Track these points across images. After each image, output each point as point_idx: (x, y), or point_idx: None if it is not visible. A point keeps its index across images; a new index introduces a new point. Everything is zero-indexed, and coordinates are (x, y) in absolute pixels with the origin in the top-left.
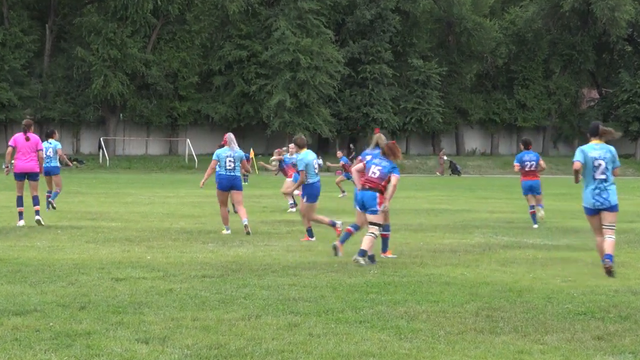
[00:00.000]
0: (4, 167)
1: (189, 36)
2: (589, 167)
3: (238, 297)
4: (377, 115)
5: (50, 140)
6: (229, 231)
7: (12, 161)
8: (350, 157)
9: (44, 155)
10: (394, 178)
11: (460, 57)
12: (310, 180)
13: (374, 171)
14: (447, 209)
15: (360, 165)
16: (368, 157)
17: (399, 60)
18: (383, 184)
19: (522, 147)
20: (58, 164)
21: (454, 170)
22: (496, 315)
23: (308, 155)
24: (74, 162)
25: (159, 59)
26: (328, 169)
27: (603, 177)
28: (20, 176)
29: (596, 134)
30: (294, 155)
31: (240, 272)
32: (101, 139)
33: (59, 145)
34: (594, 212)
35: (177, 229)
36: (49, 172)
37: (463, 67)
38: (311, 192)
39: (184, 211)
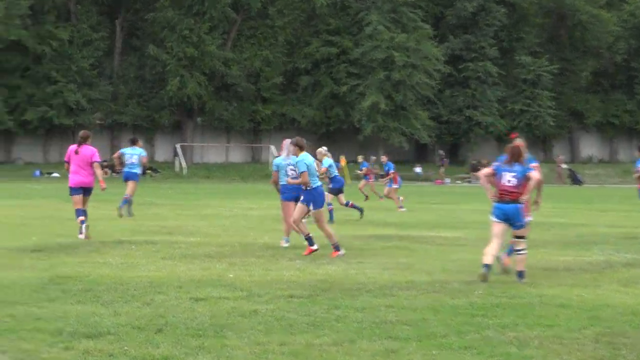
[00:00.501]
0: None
1: (272, 32)
2: None
3: (329, 319)
4: (481, 118)
5: (134, 147)
6: (288, 243)
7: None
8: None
9: (128, 162)
10: (534, 175)
11: (573, 54)
12: (314, 185)
13: (509, 179)
14: (560, 222)
15: (489, 170)
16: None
17: (505, 57)
18: (521, 190)
19: (638, 153)
20: (139, 172)
21: (574, 180)
22: (618, 341)
23: (308, 157)
24: (149, 171)
25: (240, 57)
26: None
27: None
28: (75, 190)
29: None
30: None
31: (331, 292)
32: (177, 145)
33: (143, 153)
34: None
35: (262, 245)
36: (128, 178)
37: (577, 65)
38: (317, 198)
39: (268, 225)
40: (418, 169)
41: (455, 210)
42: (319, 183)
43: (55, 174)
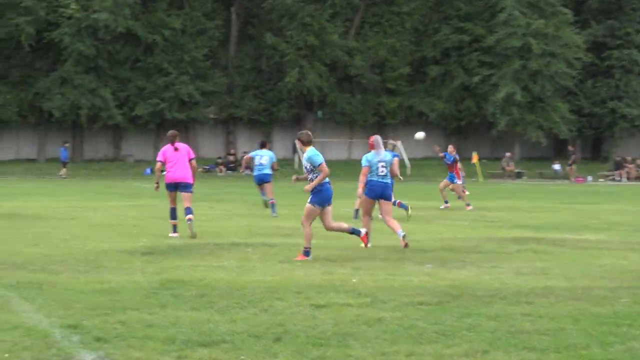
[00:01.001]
0: (155, 184)
1: (399, 19)
2: None
3: (460, 328)
4: (627, 111)
5: (263, 149)
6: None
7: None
8: (571, 161)
9: (257, 163)
10: None
11: None
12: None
13: None
14: None
15: None
16: None
17: None
18: None
19: None
20: (271, 172)
21: None
22: None
23: (320, 155)
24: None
25: (363, 46)
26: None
27: None
28: (171, 187)
29: None
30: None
31: (462, 299)
32: (296, 140)
33: (274, 158)
34: None
35: (387, 247)
36: (262, 180)
37: None
38: (322, 196)
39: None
40: (557, 166)
41: (597, 210)
42: (327, 180)
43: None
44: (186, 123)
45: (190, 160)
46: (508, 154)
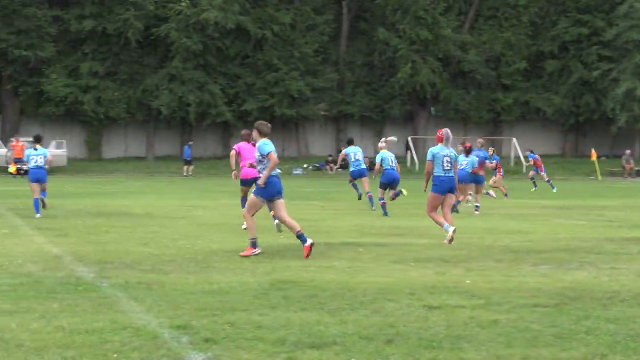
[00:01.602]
0: (232, 173)
1: (515, 12)
2: None
3: (578, 331)
4: None
5: (351, 146)
6: (451, 228)
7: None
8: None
9: (352, 160)
10: None
11: None
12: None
13: None
14: None
15: None
16: None
17: None
18: None
19: None
20: (365, 166)
21: None
22: None
23: (271, 144)
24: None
25: (478, 40)
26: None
27: None
28: (247, 182)
29: None
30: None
31: (580, 301)
32: (409, 138)
33: (362, 151)
34: None
35: (502, 247)
36: (362, 175)
37: None
38: (267, 190)
39: (509, 226)
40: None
41: None
42: (276, 172)
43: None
44: (296, 120)
45: None
46: (628, 152)
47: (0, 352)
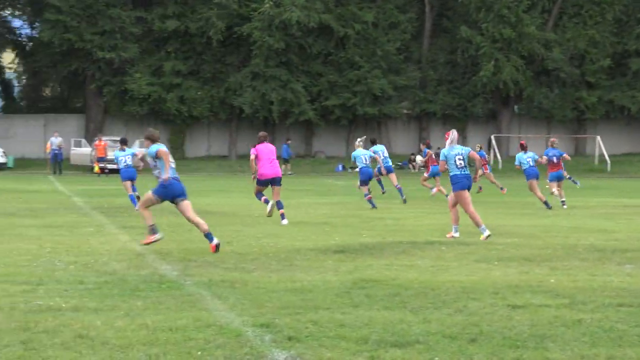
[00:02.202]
0: (252, 176)
1: (599, 9)
2: None
3: None
4: None
5: (375, 145)
6: (458, 234)
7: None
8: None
9: (382, 157)
10: None
11: None
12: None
13: None
14: None
15: None
16: None
17: None
18: None
19: None
20: (391, 163)
21: None
22: None
23: (160, 144)
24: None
25: (562, 38)
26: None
27: None
28: (264, 182)
29: None
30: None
31: None
32: (492, 136)
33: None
34: None
35: (586, 246)
36: (389, 171)
37: None
38: (166, 191)
39: (593, 224)
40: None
41: None
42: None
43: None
44: (378, 118)
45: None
46: None
47: (85, 350)
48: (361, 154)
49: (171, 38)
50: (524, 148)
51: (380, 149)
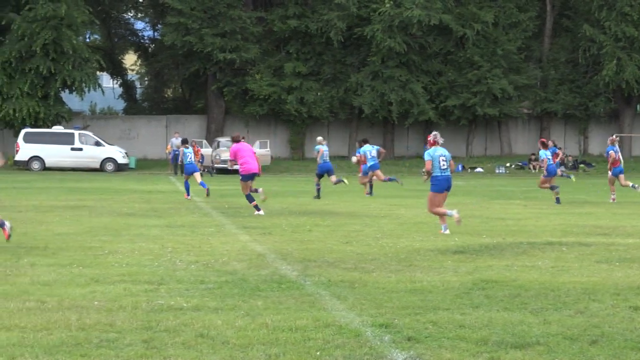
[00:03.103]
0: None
1: None
2: None
3: None
4: None
5: (367, 145)
6: (447, 231)
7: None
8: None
9: (369, 157)
10: None
11: None
12: None
13: None
14: None
15: None
16: None
17: None
18: None
19: None
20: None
21: None
22: None
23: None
24: (581, 165)
25: None
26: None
27: None
28: (250, 177)
29: None
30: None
31: None
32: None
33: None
34: None
35: None
36: (376, 168)
37: None
38: None
39: None
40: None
41: None
42: None
43: (478, 169)
44: (498, 119)
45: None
46: None
47: (206, 349)
48: (323, 150)
49: (291, 39)
50: (544, 145)
51: (368, 149)
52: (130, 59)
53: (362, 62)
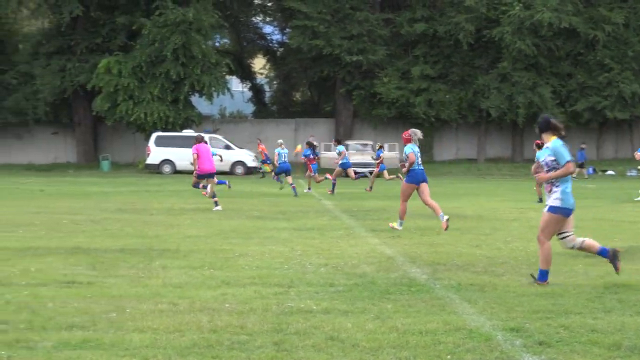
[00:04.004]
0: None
1: None
2: None
3: None
4: None
5: (340, 145)
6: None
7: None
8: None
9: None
10: None
11: None
12: None
13: None
14: None
15: None
16: None
17: None
18: None
19: None
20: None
21: None
22: None
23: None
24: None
25: None
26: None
27: None
28: (204, 176)
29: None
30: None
31: None
32: None
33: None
34: None
35: None
36: (348, 166)
37: None
38: None
39: None
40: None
41: None
42: None
43: (610, 172)
44: (629, 122)
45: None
46: None
47: (336, 352)
48: (282, 151)
49: (419, 42)
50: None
51: (344, 149)
52: (259, 63)
53: (490, 64)
